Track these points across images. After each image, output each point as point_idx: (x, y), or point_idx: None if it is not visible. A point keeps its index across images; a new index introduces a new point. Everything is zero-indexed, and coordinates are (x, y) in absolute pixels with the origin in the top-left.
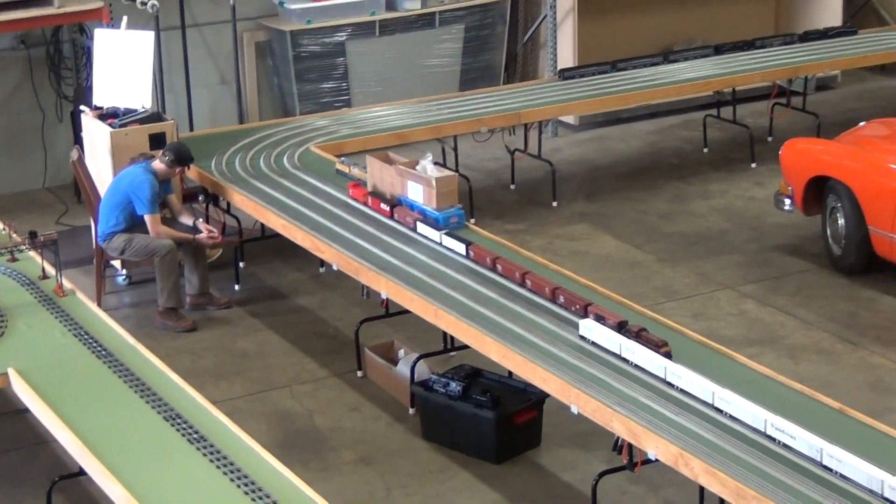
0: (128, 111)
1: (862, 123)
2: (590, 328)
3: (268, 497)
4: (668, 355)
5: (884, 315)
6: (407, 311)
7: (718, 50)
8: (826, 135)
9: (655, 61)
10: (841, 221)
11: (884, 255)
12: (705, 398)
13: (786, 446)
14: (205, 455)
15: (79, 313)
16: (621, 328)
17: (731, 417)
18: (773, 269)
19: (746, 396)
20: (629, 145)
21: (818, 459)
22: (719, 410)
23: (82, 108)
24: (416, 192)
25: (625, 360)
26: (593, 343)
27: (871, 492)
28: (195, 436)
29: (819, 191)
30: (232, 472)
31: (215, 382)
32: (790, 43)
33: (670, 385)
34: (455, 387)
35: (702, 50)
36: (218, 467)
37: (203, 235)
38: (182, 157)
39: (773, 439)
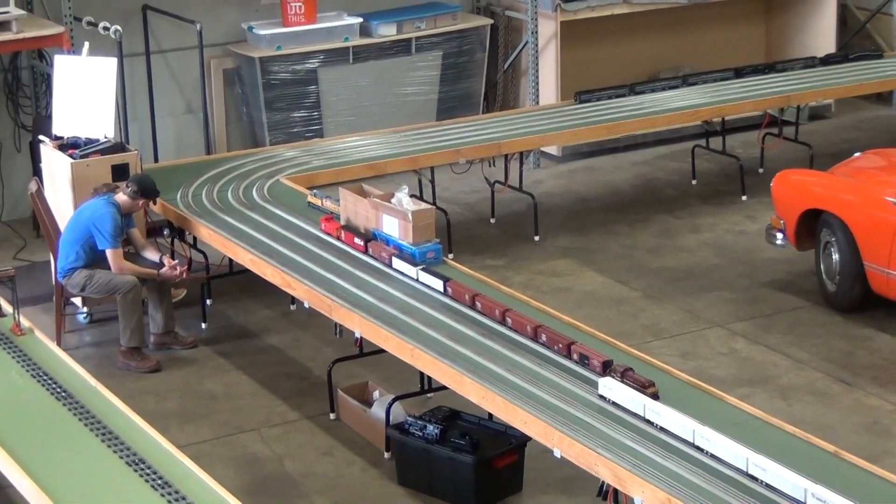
0: (89, 141)
1: (857, 154)
2: (610, 388)
3: None
4: (654, 396)
5: (880, 354)
6: (382, 351)
7: (738, 73)
8: (819, 166)
9: (674, 84)
10: (835, 256)
11: (880, 292)
12: (734, 458)
13: (773, 488)
14: (170, 502)
15: (37, 353)
16: (606, 368)
17: (717, 459)
18: (764, 307)
19: (736, 439)
20: (615, 177)
21: None
22: (709, 454)
23: (41, 137)
24: (391, 226)
25: (649, 422)
26: (613, 403)
27: None
28: (159, 481)
29: (812, 224)
30: None
31: (180, 425)
32: (811, 66)
33: (659, 428)
34: (432, 430)
35: (721, 73)
36: None
37: (166, 270)
38: (147, 190)
39: (759, 482)
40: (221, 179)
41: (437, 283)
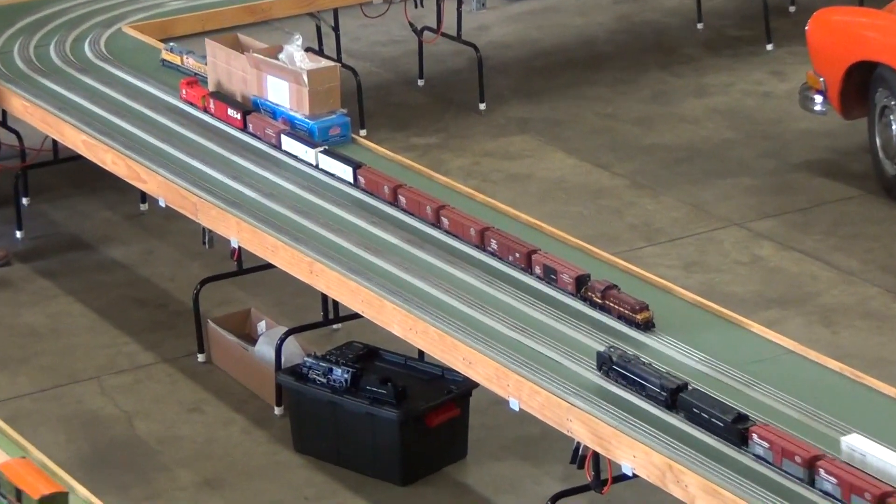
0: None
1: None
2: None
3: None
4: (647, 324)
5: None
6: (269, 266)
7: None
8: (872, 2)
9: None
10: (895, 126)
11: None
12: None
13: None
14: None
15: None
16: (580, 285)
17: None
18: (799, 198)
19: (762, 380)
20: (589, 20)
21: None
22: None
23: None
24: (279, 92)
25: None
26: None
27: None
28: None
29: (864, 83)
30: None
31: None
32: None
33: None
34: (341, 374)
35: None
36: None
37: None
38: None
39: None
40: (41, 30)
41: (345, 171)
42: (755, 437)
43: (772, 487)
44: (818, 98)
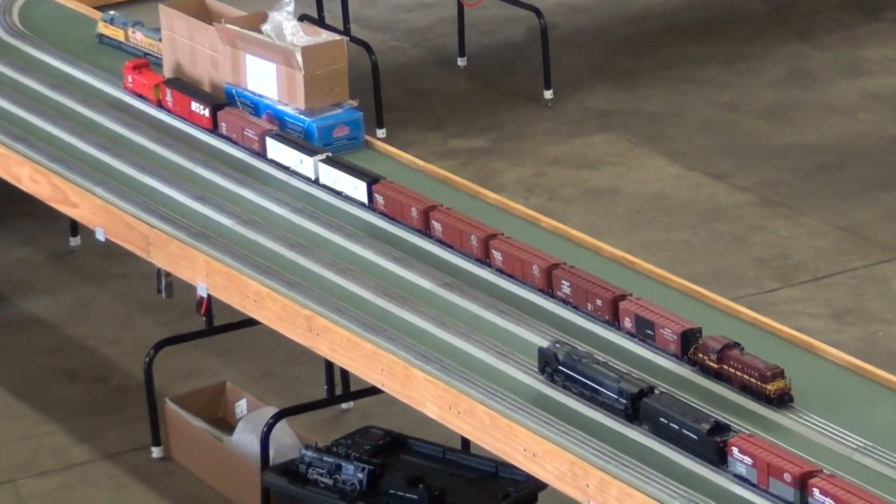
0: None
1: None
2: None
3: None
4: (782, 397)
5: None
6: (251, 322)
7: None
8: None
9: None
10: None
11: None
12: None
13: None
14: None
15: None
16: (687, 343)
17: None
18: None
19: None
20: None
21: None
22: None
23: None
24: (262, 78)
25: None
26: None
27: None
28: None
29: None
30: None
31: None
32: None
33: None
34: (354, 472)
35: None
36: None
37: None
38: None
39: None
40: None
41: (357, 188)
42: (735, 451)
43: None
44: None
